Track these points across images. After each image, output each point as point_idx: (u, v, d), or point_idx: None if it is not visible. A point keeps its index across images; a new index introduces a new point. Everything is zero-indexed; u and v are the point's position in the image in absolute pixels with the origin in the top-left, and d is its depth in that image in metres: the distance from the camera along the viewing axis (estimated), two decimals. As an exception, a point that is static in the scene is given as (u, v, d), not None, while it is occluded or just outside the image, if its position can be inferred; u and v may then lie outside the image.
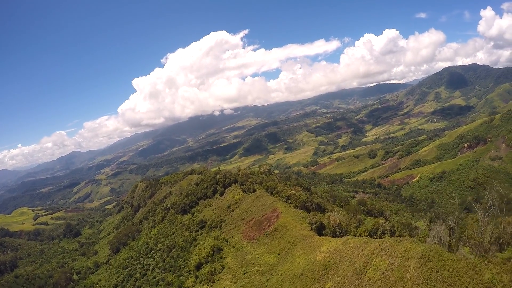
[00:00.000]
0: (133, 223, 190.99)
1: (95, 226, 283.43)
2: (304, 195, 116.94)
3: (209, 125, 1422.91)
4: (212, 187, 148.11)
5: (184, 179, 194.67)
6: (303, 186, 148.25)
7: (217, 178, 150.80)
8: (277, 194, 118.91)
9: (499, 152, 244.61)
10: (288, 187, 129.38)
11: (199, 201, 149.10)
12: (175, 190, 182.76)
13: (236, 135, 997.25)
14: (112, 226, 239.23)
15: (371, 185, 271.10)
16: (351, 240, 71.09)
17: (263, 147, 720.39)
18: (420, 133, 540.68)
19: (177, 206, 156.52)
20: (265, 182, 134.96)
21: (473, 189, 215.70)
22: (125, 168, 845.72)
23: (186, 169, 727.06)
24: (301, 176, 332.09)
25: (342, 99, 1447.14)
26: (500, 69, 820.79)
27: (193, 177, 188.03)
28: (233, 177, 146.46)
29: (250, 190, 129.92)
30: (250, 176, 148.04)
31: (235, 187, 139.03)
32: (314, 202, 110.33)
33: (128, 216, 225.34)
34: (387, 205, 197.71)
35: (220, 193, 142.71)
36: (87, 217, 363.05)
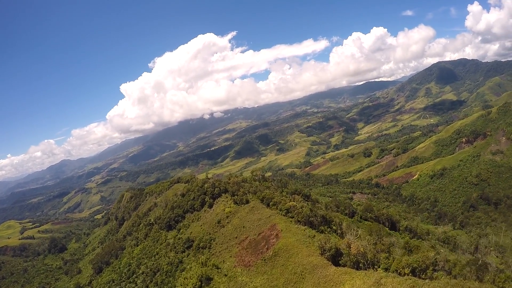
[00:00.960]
0: (117, 239, 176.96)
1: (82, 239, 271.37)
2: (307, 206, 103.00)
3: (199, 129, 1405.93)
4: (199, 198, 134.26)
5: (170, 189, 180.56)
6: (302, 194, 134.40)
7: (205, 187, 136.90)
8: (274, 206, 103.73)
9: (499, 146, 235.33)
10: (286, 196, 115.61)
11: (186, 215, 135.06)
12: (160, 202, 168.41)
13: (226, 138, 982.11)
14: (97, 240, 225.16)
15: (368, 185, 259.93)
16: (388, 280, 54.53)
17: (254, 149, 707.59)
18: (413, 129, 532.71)
19: (162, 221, 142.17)
20: (259, 192, 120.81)
21: (476, 185, 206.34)
22: (115, 175, 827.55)
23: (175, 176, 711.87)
24: (295, 178, 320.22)
25: (332, 98, 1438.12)
26: (489, 63, 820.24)
27: (179, 186, 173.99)
28: (222, 186, 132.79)
29: (242, 202, 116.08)
30: (242, 185, 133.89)
31: (226, 197, 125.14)
32: (319, 215, 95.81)
33: (113, 230, 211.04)
34: (395, 210, 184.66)
35: (209, 205, 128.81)
36: (75, 228, 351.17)
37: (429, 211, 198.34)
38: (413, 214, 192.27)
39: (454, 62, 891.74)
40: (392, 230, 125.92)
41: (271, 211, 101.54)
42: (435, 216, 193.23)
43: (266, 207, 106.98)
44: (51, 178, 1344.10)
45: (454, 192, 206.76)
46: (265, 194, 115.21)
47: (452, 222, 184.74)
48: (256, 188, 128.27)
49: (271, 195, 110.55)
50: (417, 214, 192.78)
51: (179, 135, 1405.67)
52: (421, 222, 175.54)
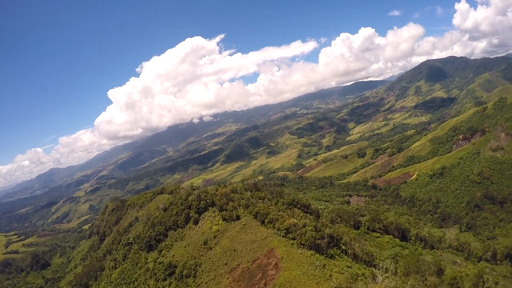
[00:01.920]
0: (97, 257, 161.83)
1: (67, 253, 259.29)
2: (310, 224, 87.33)
3: (188, 134, 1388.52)
4: (183, 214, 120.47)
5: (153, 201, 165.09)
6: (301, 204, 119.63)
7: (190, 200, 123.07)
8: (270, 224, 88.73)
9: (499, 142, 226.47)
10: (284, 210, 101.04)
11: (169, 233, 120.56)
12: (142, 216, 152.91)
13: (216, 142, 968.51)
14: (80, 255, 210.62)
15: (365, 187, 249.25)
16: None
17: (245, 153, 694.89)
18: (405, 128, 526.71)
19: (141, 240, 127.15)
20: (252, 206, 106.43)
21: (479, 184, 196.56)
22: (104, 183, 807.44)
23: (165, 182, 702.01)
24: (287, 181, 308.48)
25: (321, 99, 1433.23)
26: (478, 60, 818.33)
27: (163, 197, 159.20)
28: (209, 198, 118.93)
29: (232, 218, 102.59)
30: (232, 196, 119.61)
31: (213, 212, 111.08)
32: (326, 235, 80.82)
33: (95, 246, 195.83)
34: (397, 213, 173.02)
35: (194, 221, 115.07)
36: (62, 241, 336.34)
37: (431, 212, 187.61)
38: (415, 217, 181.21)
39: (443, 60, 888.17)
40: (403, 241, 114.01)
41: (267, 231, 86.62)
42: (438, 218, 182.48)
43: (260, 224, 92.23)
44: (40, 187, 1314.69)
45: (456, 192, 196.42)
46: (258, 208, 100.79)
47: (457, 224, 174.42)
48: (248, 200, 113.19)
49: (266, 210, 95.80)
50: (420, 217, 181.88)
51: (169, 140, 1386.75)
52: (425, 225, 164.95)
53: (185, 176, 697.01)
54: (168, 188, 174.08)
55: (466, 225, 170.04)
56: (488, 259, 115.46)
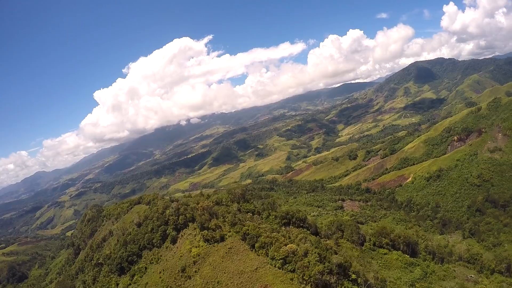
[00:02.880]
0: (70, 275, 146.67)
1: (46, 263, 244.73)
2: (313, 251, 72.00)
3: (176, 136, 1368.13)
4: (159, 230, 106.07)
5: (129, 212, 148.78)
6: (296, 218, 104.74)
7: (167, 215, 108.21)
8: (263, 250, 73.74)
9: (497, 143, 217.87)
10: (278, 228, 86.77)
11: (143, 252, 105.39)
12: (117, 230, 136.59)
13: (204, 144, 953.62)
14: (57, 268, 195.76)
15: (358, 190, 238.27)
16: None
17: (233, 155, 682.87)
18: (395, 129, 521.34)
19: (112, 261, 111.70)
20: (239, 223, 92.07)
21: (479, 186, 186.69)
22: (90, 187, 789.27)
23: (151, 185, 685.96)
24: (277, 185, 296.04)
25: (309, 100, 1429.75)
26: (466, 61, 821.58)
27: (140, 208, 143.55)
28: (189, 212, 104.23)
29: (215, 239, 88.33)
30: (216, 210, 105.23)
31: (193, 229, 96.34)
32: (334, 266, 65.82)
33: (70, 260, 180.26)
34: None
35: (172, 240, 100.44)
36: (43, 249, 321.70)
37: (431, 218, 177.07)
38: (414, 222, 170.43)
39: (431, 62, 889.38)
40: (413, 257, 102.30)
41: (258, 258, 72.14)
42: (439, 223, 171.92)
43: (250, 249, 77.54)
44: (26, 191, 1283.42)
45: (456, 196, 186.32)
46: (248, 227, 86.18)
47: (459, 229, 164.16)
48: (234, 216, 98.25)
49: (256, 230, 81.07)
50: (419, 223, 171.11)
51: (156, 142, 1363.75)
52: (425, 232, 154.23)
53: (172, 180, 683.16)
54: (146, 198, 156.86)
55: (469, 231, 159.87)
56: (502, 271, 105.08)
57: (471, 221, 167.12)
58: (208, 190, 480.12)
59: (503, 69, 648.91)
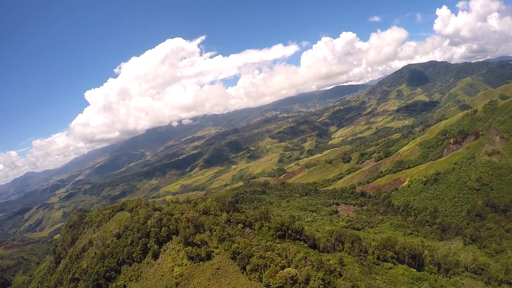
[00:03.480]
0: (48, 286, 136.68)
1: (31, 269, 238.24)
2: (315, 276, 62.51)
3: (167, 137, 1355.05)
4: (140, 243, 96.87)
5: (111, 220, 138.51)
6: (292, 230, 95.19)
7: (148, 226, 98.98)
8: (255, 273, 64.28)
9: (494, 146, 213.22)
10: (274, 245, 77.59)
11: (122, 268, 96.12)
12: (97, 239, 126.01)
13: (195, 145, 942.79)
14: (39, 276, 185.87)
15: (353, 194, 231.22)
16: None
17: (224, 157, 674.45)
18: (388, 131, 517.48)
19: (88, 276, 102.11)
20: (228, 239, 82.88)
21: (478, 190, 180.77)
22: (79, 188, 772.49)
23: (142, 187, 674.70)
24: (269, 188, 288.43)
25: (301, 103, 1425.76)
26: (459, 64, 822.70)
27: (122, 216, 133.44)
28: (172, 224, 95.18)
29: (201, 257, 79.47)
30: (202, 221, 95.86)
31: (177, 244, 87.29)
32: None
33: (51, 269, 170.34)
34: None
35: (154, 255, 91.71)
36: (29, 253, 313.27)
37: (429, 223, 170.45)
38: (413, 228, 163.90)
39: (424, 64, 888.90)
40: (419, 271, 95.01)
41: (250, 284, 63.23)
42: (438, 229, 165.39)
43: (240, 271, 68.80)
44: (15, 192, 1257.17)
45: (454, 200, 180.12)
46: (238, 245, 77.12)
47: (459, 235, 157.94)
48: (223, 230, 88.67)
49: (248, 248, 71.98)
50: (418, 229, 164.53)
51: (147, 143, 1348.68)
52: (425, 239, 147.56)
53: (163, 182, 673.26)
54: (129, 204, 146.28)
55: (470, 237, 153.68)
56: (510, 282, 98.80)
57: (471, 226, 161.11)
58: (199, 192, 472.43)
59: (496, 73, 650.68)
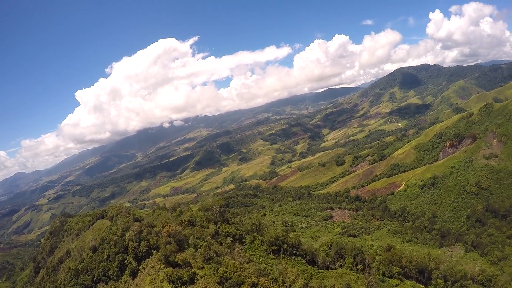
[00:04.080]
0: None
1: (15, 275, 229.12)
2: None
3: (159, 138, 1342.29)
4: (117, 259, 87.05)
5: (91, 228, 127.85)
6: (288, 244, 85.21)
7: (126, 239, 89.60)
8: None
9: (492, 149, 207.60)
10: (268, 262, 68.44)
11: (97, 286, 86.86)
12: (74, 250, 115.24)
13: (186, 147, 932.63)
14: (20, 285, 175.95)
15: (347, 198, 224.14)
16: None
17: (215, 159, 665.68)
18: (382, 134, 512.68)
19: None
20: (214, 260, 73.86)
21: (477, 195, 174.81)
22: (69, 190, 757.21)
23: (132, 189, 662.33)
24: (260, 191, 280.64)
25: (294, 105, 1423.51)
26: (451, 68, 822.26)
27: (102, 224, 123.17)
28: (153, 238, 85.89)
29: (183, 280, 69.65)
30: (187, 235, 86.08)
31: (157, 260, 78.07)
32: None
33: (30, 279, 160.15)
34: (389, 230, 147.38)
35: (131, 272, 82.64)
36: (15, 257, 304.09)
37: (428, 229, 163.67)
38: (411, 235, 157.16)
39: (416, 68, 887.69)
40: (427, 286, 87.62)
41: None
42: (437, 235, 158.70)
43: None
44: (5, 192, 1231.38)
45: (453, 205, 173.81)
46: (226, 268, 67.98)
47: (459, 241, 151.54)
48: (209, 248, 78.95)
49: (238, 272, 63.80)
50: (416, 235, 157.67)
51: (138, 145, 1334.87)
52: (424, 245, 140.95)
53: (153, 184, 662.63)
54: (110, 212, 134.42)
55: (471, 243, 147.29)
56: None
57: (472, 232, 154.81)
58: (189, 195, 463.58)
59: (488, 76, 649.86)
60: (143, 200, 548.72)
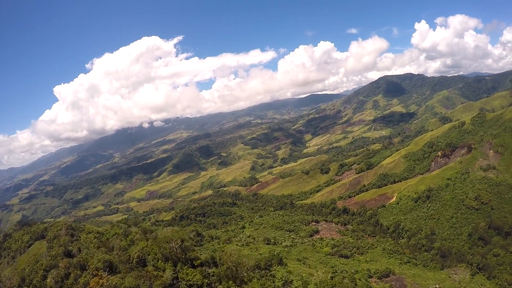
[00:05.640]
0: None
1: None
2: None
3: (138, 139, 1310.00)
4: None
5: (27, 252, 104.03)
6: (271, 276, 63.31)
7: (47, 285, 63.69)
8: None
9: (488, 161, 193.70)
10: None
11: None
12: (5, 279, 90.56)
13: (165, 149, 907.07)
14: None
15: (334, 210, 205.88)
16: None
17: (194, 162, 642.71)
18: (365, 141, 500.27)
19: None
20: None
21: (478, 210, 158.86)
22: (41, 190, 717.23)
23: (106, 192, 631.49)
24: (240, 199, 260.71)
25: (276, 109, 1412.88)
26: (435, 78, 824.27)
27: (39, 249, 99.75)
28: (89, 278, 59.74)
29: None
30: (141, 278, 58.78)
31: None
32: None
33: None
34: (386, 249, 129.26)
35: None
36: None
37: (426, 247, 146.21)
38: (409, 256, 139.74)
39: (400, 76, 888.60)
40: None
41: None
42: (436, 255, 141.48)
43: None
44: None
45: (452, 221, 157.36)
46: None
47: (462, 263, 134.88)
48: None
49: None
50: (415, 255, 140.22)
51: (116, 145, 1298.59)
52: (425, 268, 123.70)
53: (128, 186, 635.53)
54: (50, 232, 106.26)
55: (477, 265, 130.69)
56: None
57: (475, 252, 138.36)
58: (164, 200, 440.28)
59: (472, 87, 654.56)
60: (117, 204, 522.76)
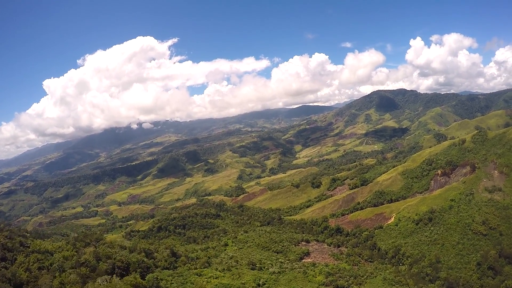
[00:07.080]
0: None
1: None
2: None
3: (125, 140, 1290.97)
4: None
5: None
6: None
7: None
8: None
9: (493, 181, 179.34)
10: None
11: None
12: None
13: (152, 152, 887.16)
14: None
15: (326, 229, 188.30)
16: None
17: (180, 168, 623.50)
18: (357, 155, 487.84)
19: None
20: None
21: (486, 236, 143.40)
22: (22, 186, 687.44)
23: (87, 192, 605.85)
24: (224, 210, 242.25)
25: (267, 118, 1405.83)
26: (428, 94, 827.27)
27: None
28: None
29: None
30: None
31: None
32: None
33: None
34: None
35: None
36: None
37: (431, 277, 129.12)
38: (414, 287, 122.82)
39: (393, 91, 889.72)
40: None
41: None
42: (443, 285, 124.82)
43: None
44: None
45: (458, 247, 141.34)
46: None
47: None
48: None
49: None
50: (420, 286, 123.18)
51: (103, 144, 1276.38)
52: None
53: (111, 188, 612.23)
54: None
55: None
56: None
57: (484, 282, 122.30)
58: (146, 206, 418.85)
59: (466, 105, 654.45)
60: (96, 206, 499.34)
